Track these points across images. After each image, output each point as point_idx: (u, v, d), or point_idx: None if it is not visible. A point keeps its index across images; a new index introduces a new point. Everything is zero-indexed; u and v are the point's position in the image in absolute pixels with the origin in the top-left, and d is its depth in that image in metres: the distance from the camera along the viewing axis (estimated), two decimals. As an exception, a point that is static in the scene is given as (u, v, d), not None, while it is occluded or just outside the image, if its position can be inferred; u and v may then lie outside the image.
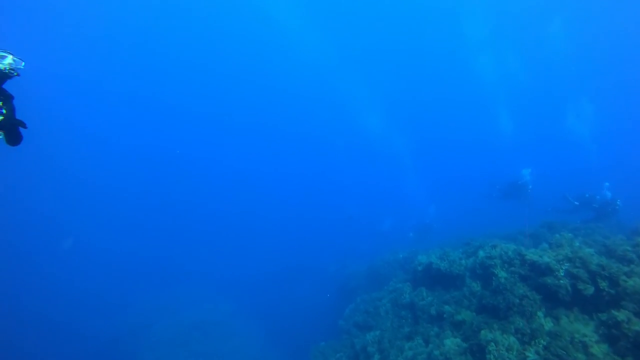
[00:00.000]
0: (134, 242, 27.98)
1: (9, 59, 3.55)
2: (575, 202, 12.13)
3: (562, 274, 5.88)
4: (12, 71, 3.56)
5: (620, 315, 5.10)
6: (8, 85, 3.69)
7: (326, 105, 47.27)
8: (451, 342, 6.11)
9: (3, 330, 17.12)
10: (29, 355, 16.59)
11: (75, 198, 33.48)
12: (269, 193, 42.56)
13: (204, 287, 22.25)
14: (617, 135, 33.28)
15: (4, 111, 3.52)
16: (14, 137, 3.61)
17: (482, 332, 5.74)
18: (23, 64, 3.63)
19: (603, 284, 5.63)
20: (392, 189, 34.50)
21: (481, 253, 7.24)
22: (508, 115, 33.75)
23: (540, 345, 5.18)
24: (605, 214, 11.39)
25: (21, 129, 3.63)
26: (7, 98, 3.62)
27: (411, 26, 40.55)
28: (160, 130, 48.15)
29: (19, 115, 3.62)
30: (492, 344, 5.39)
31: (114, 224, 31.05)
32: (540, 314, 5.53)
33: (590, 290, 5.70)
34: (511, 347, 5.31)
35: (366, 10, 39.62)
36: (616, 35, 33.80)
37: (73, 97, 41.62)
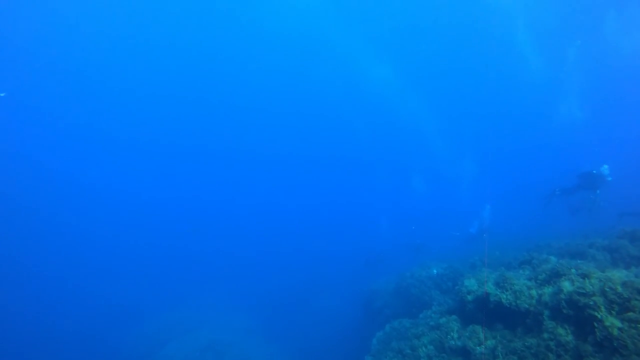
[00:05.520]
0: (149, 255, 27.21)
1: None
2: None
3: None
4: None
5: None
6: None
7: (355, 103, 44.96)
8: None
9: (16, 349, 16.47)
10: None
11: (88, 209, 33.13)
12: (288, 201, 41.05)
13: (219, 301, 21.12)
14: None
15: None
16: None
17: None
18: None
19: None
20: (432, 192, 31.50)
21: (567, 286, 5.12)
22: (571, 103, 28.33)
23: None
24: None
25: None
26: None
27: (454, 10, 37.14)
28: (174, 128, 47.26)
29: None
30: None
31: (128, 237, 30.45)
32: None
33: None
34: None
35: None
36: None
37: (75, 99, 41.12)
